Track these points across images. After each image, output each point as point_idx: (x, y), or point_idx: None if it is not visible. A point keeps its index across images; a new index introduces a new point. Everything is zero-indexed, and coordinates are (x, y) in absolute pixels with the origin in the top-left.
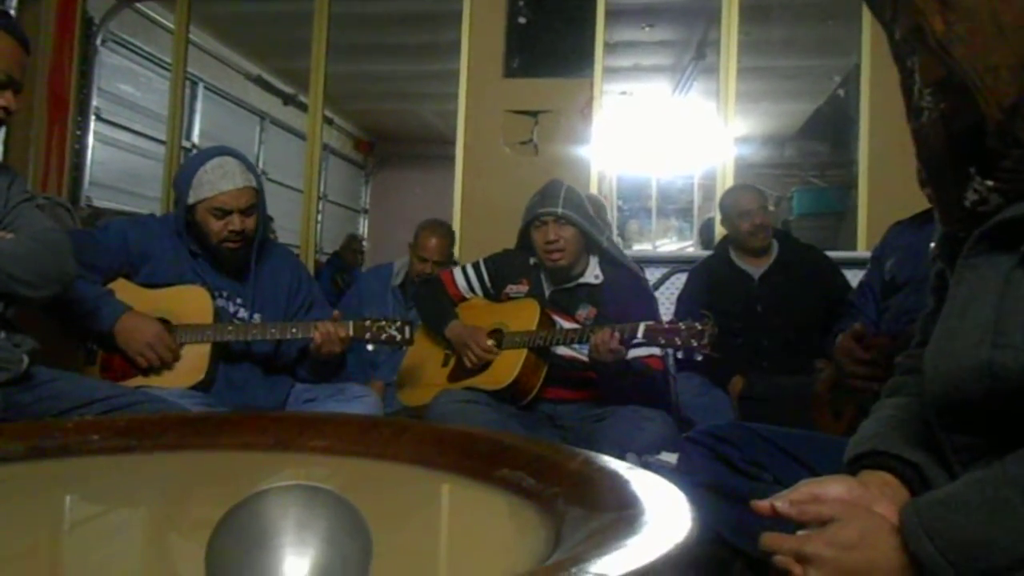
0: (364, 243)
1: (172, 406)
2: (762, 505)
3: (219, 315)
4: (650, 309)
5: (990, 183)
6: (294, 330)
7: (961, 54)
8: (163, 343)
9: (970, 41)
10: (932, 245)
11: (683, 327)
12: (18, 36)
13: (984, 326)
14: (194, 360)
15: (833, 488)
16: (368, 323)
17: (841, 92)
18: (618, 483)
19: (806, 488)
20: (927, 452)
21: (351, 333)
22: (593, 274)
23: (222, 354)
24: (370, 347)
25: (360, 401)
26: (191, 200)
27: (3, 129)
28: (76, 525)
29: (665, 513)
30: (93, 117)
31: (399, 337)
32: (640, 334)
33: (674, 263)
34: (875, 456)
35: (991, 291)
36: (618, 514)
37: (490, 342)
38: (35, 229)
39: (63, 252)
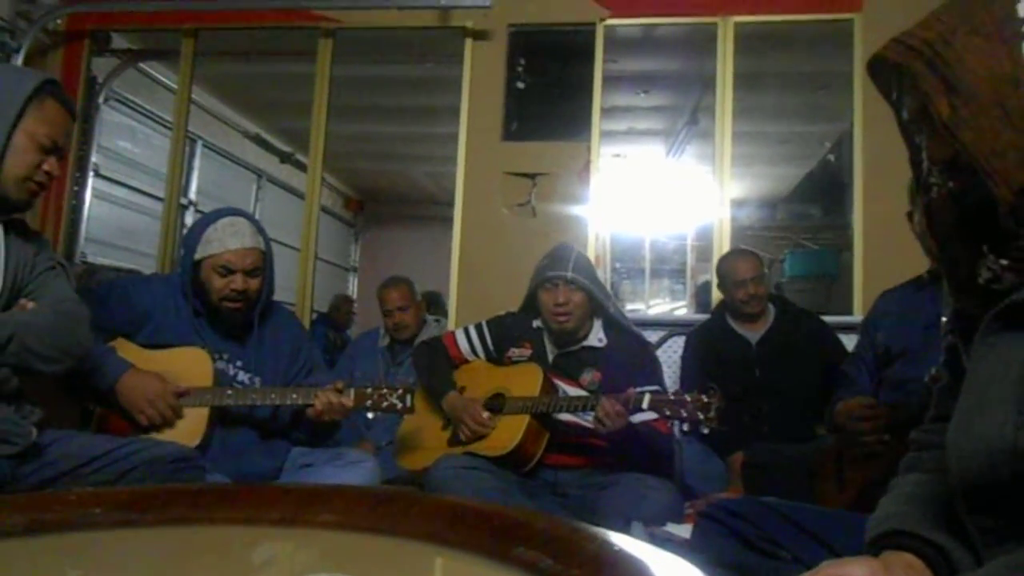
0: (355, 304)
1: (169, 448)
2: None
3: (219, 378)
4: (655, 374)
5: (1004, 262)
6: (295, 395)
7: (968, 138)
8: (165, 400)
9: (976, 125)
10: (944, 320)
11: (689, 399)
12: (66, 104)
13: (1006, 406)
14: (191, 423)
15: (856, 570)
16: (369, 391)
17: (832, 157)
18: (642, 570)
19: (829, 570)
20: (950, 532)
21: (352, 403)
22: (597, 337)
23: (220, 418)
24: (370, 415)
25: (359, 467)
26: (198, 255)
27: (41, 195)
28: None
29: None
30: (91, 173)
31: (400, 406)
32: (645, 404)
33: (671, 326)
34: (897, 536)
35: (1011, 371)
36: None
37: (486, 415)
38: (56, 299)
39: (81, 325)
